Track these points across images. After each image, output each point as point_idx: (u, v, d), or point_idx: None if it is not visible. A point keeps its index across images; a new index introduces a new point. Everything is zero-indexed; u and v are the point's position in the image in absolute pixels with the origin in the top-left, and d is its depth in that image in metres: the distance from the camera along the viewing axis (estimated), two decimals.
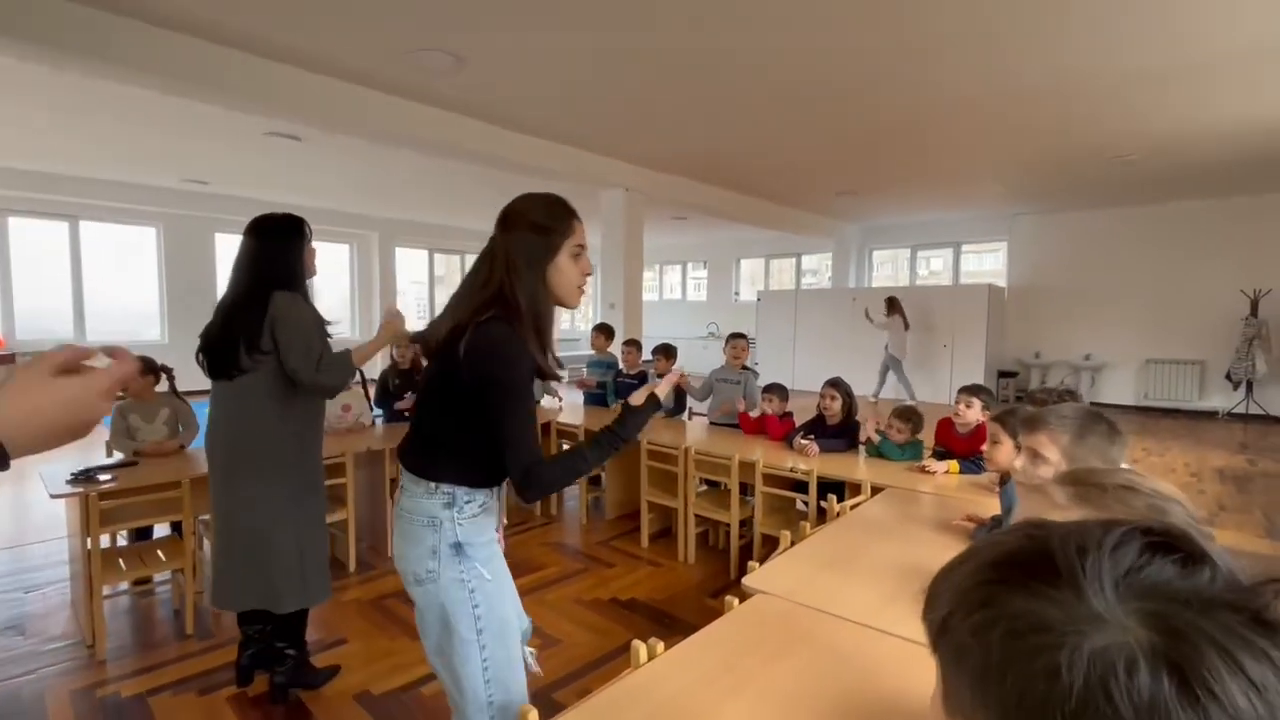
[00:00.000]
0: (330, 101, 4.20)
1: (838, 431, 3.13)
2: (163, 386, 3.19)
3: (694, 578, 3.12)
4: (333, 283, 10.82)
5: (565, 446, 4.21)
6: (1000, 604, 0.34)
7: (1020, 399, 8.47)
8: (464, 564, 1.23)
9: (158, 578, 2.99)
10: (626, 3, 3.18)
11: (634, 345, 4.58)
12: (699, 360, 11.01)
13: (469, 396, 1.18)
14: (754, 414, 3.65)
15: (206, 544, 2.97)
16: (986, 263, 10.10)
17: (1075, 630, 0.31)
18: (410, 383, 3.93)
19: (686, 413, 4.33)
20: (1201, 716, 0.28)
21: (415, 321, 12.06)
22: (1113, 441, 1.22)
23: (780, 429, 3.38)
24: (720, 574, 3.15)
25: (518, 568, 3.18)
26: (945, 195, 8.03)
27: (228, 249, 9.24)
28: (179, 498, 2.48)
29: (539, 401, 4.47)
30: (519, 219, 1.31)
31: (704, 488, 3.53)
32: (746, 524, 3.23)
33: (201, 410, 3.14)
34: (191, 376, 3.28)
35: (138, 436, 3.01)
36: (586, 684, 2.22)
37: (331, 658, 2.37)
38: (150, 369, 3.08)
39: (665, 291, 14.40)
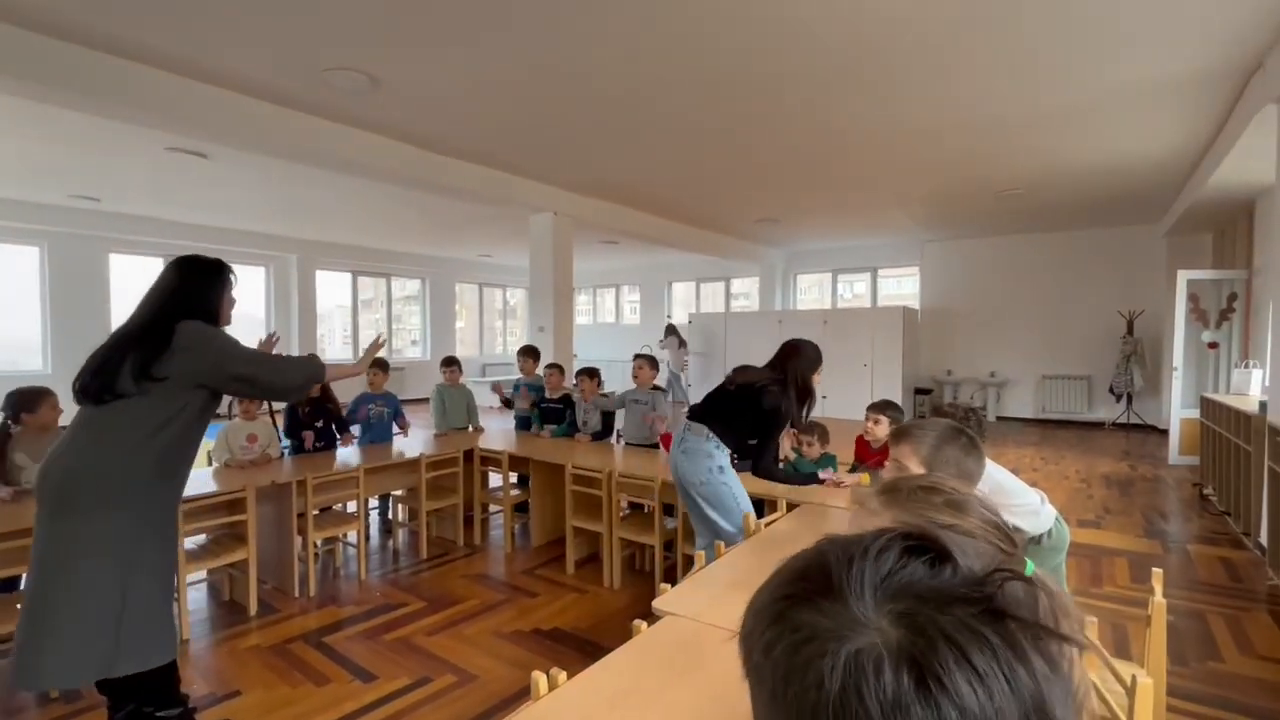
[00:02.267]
0: (238, 118, 4.02)
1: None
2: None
3: (619, 603, 3.08)
4: (247, 307, 10.25)
5: (489, 472, 4.12)
6: (787, 620, 0.36)
7: (934, 414, 8.95)
8: (725, 474, 2.47)
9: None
10: (537, 33, 3.23)
11: (556, 369, 4.57)
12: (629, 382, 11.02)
13: (754, 418, 2.51)
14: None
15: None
16: (905, 286, 10.70)
17: (837, 637, 0.33)
18: (321, 411, 3.75)
19: (614, 435, 4.33)
20: (934, 708, 0.30)
21: (340, 347, 11.58)
22: (968, 454, 1.30)
23: None
24: (646, 597, 3.13)
25: (435, 602, 3.07)
26: (859, 223, 8.49)
27: (123, 271, 8.60)
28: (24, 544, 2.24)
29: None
30: (796, 355, 2.58)
31: (629, 510, 3.53)
32: (671, 545, 3.23)
33: None
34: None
35: (22, 479, 2.71)
36: None
37: (221, 713, 2.19)
38: (48, 396, 2.80)
39: (600, 315, 14.46)
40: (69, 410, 2.93)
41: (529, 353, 4.78)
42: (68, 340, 8.05)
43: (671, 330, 10.27)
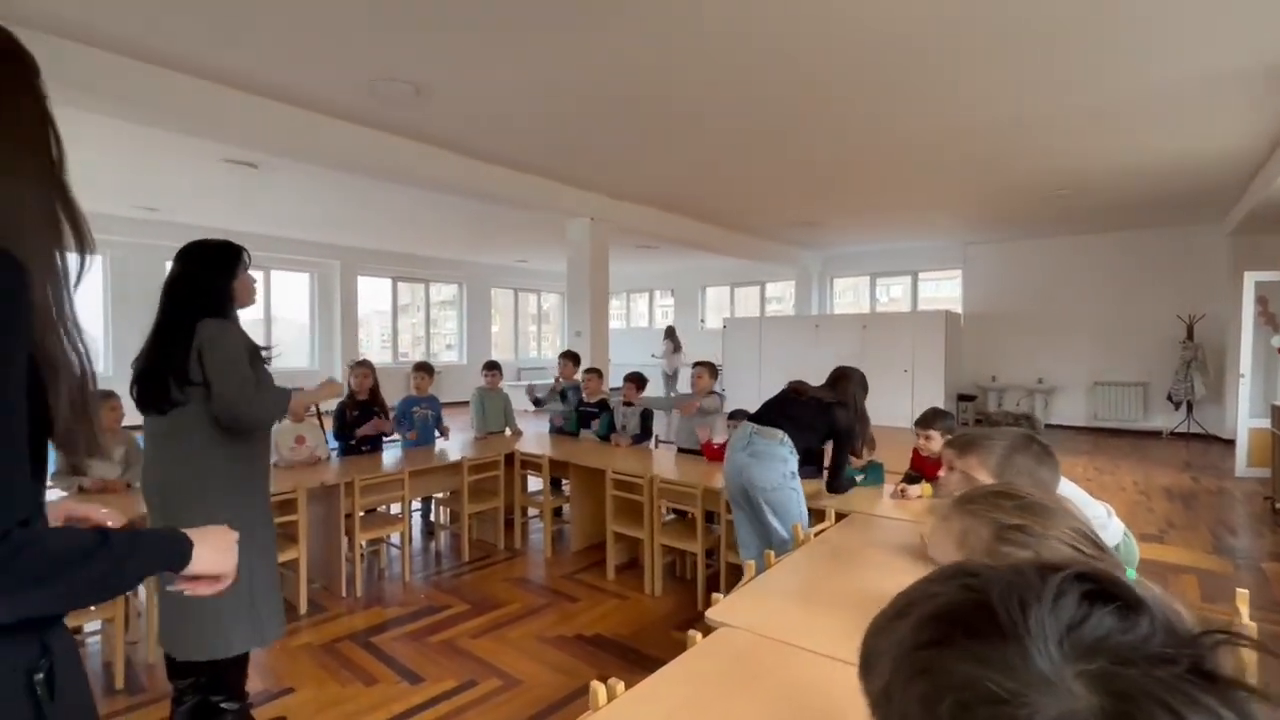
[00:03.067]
0: (288, 129, 4.14)
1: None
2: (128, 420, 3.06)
3: (661, 610, 3.06)
4: (293, 312, 10.57)
5: (528, 476, 4.14)
6: (944, 671, 0.32)
7: (980, 421, 8.68)
8: (794, 480, 2.51)
9: (88, 628, 2.79)
10: (583, 40, 3.24)
11: (595, 373, 4.57)
12: (685, 388, 11.01)
13: (826, 432, 2.64)
14: (718, 441, 3.65)
15: (142, 591, 2.81)
16: (944, 290, 10.44)
17: (1025, 701, 0.30)
18: (369, 414, 3.82)
19: (653, 440, 4.31)
20: None
21: (379, 351, 11.83)
22: (1041, 462, 1.25)
23: None
24: (688, 605, 3.10)
25: (479, 605, 3.09)
26: (901, 226, 8.31)
27: None
28: None
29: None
30: (849, 380, 2.69)
31: (671, 517, 3.50)
32: (714, 553, 3.20)
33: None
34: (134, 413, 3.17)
35: (90, 473, 2.85)
36: None
37: (277, 709, 2.24)
38: (107, 398, 2.94)
39: (633, 319, 14.47)
40: (130, 409, 3.09)
41: (569, 357, 4.81)
42: (127, 344, 8.41)
43: (670, 334, 10.64)
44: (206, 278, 1.86)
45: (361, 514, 3.33)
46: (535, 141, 4.91)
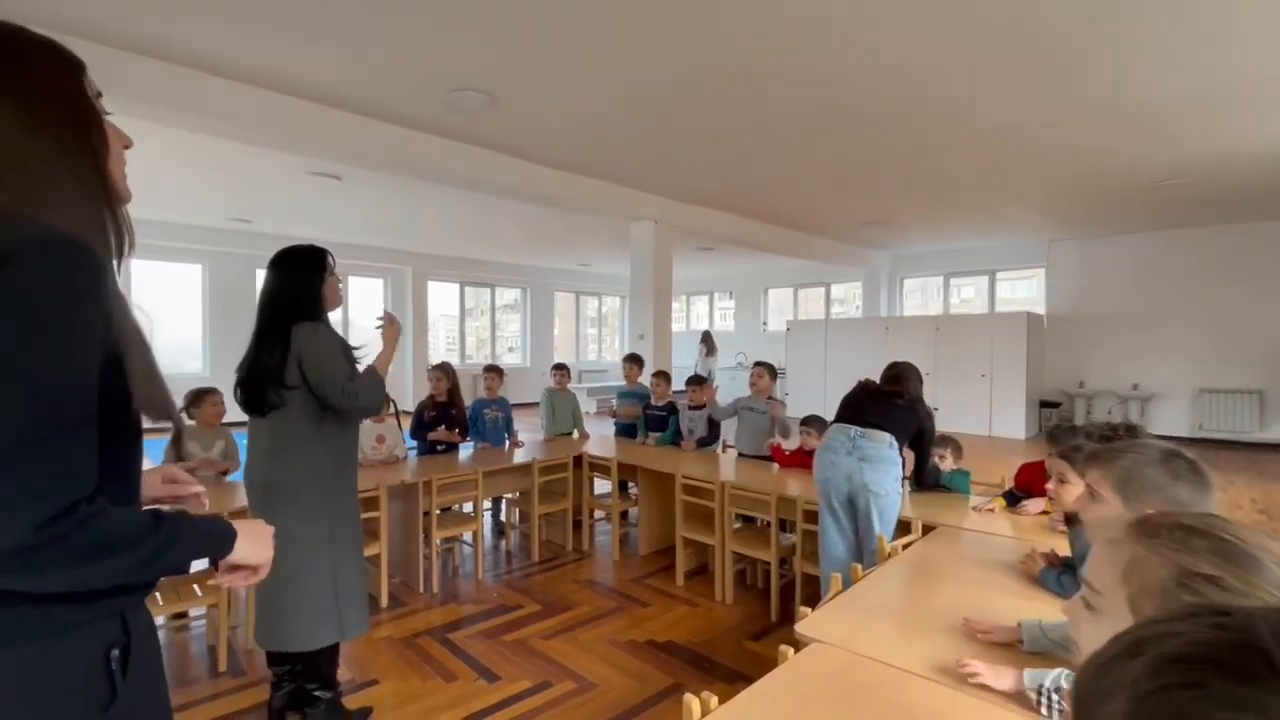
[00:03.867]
0: (370, 142, 4.32)
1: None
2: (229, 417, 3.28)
3: (733, 619, 3.00)
4: (368, 316, 11.08)
5: (596, 478, 4.16)
6: (1203, 717, 0.29)
7: (1087, 436, 8.13)
8: (899, 484, 2.52)
9: (194, 612, 2.98)
10: (651, 44, 3.23)
11: (663, 377, 4.55)
12: (726, 391, 10.91)
13: (914, 428, 2.59)
14: (788, 446, 3.56)
15: None
16: (1019, 290, 9.88)
17: None
18: (446, 416, 3.93)
19: (720, 445, 4.25)
20: None
21: (445, 354, 12.24)
22: (1178, 479, 1.09)
23: None
24: (760, 615, 3.03)
25: (550, 606, 3.12)
26: (979, 223, 7.91)
27: None
28: None
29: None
30: (913, 377, 2.65)
31: (740, 524, 3.44)
32: (787, 562, 3.12)
33: (240, 439, 3.22)
34: (232, 410, 3.38)
35: (190, 458, 3.08)
36: None
37: (363, 699, 2.32)
38: (211, 395, 3.17)
39: (692, 322, 14.40)
40: (233, 406, 3.30)
41: (634, 360, 4.81)
42: (223, 347, 9.03)
43: (705, 338, 10.86)
44: (297, 283, 1.96)
45: (438, 512, 3.43)
46: (602, 146, 4.95)
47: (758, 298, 12.79)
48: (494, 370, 4.41)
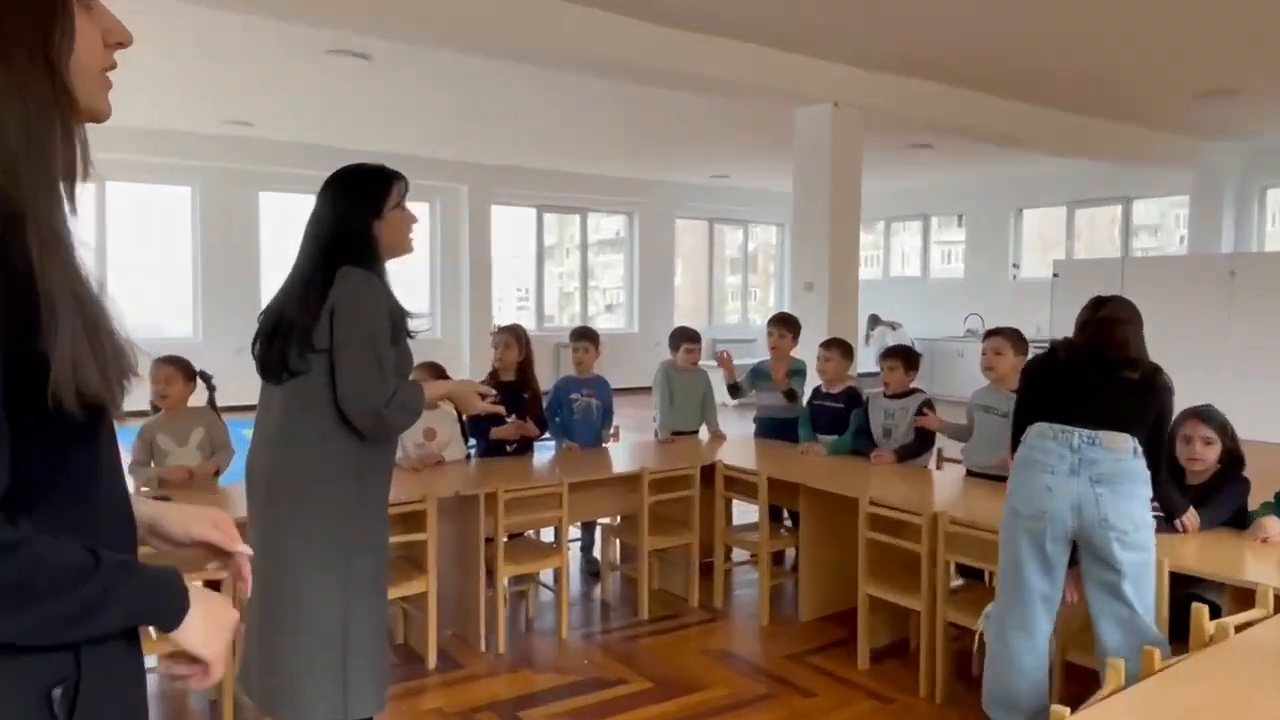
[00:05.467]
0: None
1: (1207, 493, 2.88)
2: (199, 398, 3.66)
3: None
4: (405, 258, 11.81)
5: (735, 500, 4.22)
6: None
7: None
8: (1151, 514, 2.55)
9: None
10: None
11: (837, 348, 4.49)
12: (952, 377, 10.55)
13: (1153, 416, 2.58)
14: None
15: None
16: None
17: None
18: (515, 401, 4.14)
19: (934, 458, 4.16)
20: None
21: (513, 311, 12.82)
22: None
23: None
24: None
25: (665, 684, 3.24)
26: None
27: (274, 215, 10.43)
28: None
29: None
30: (1130, 324, 2.64)
31: (960, 580, 3.39)
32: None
33: (237, 429, 3.60)
34: (228, 389, 3.78)
35: (166, 462, 3.48)
36: None
37: None
38: (189, 374, 3.55)
39: (893, 264, 14.00)
40: (242, 390, 3.68)
41: (785, 323, 4.80)
42: (219, 301, 10.03)
43: (875, 321, 11.80)
44: (349, 211, 2.13)
45: (505, 539, 3.65)
46: None
47: (1004, 224, 12.33)
48: (587, 336, 4.57)
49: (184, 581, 0.91)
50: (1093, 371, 2.60)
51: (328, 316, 2.06)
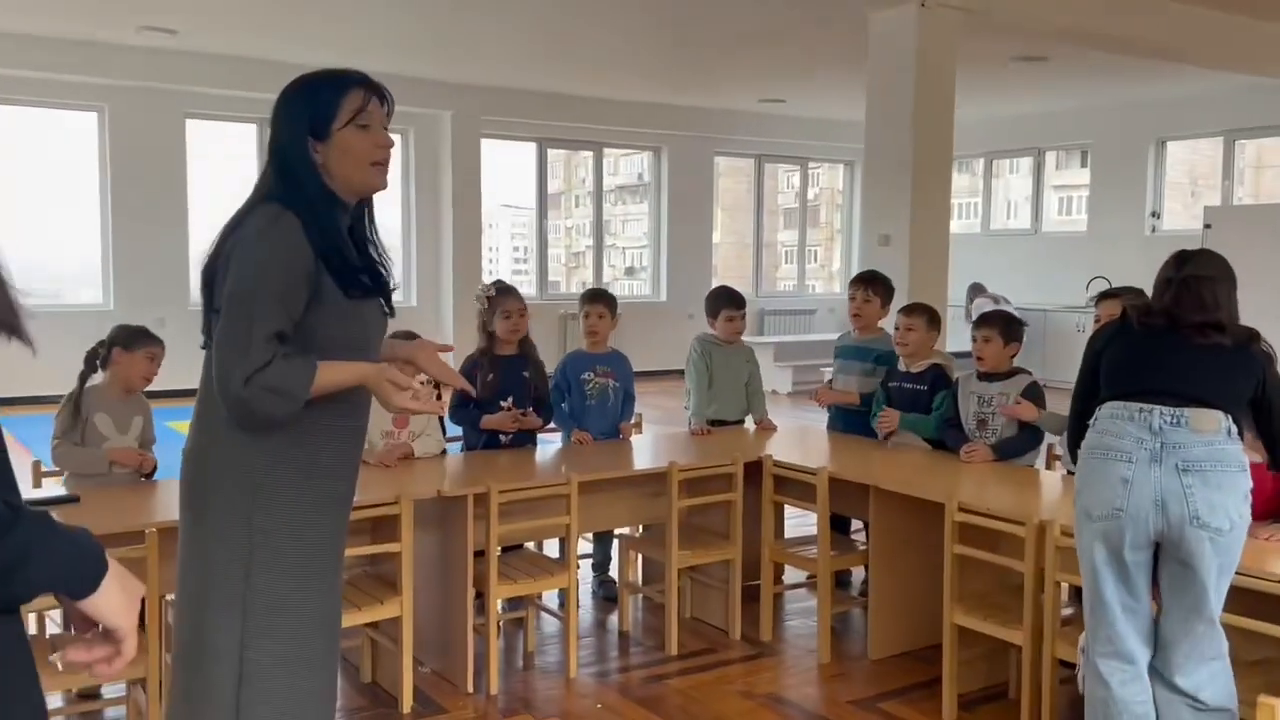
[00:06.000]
0: None
1: None
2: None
3: None
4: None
5: (786, 505, 4.24)
6: None
7: None
8: (1249, 505, 2.60)
9: (108, 691, 3.49)
10: None
11: (921, 315, 4.49)
12: (1070, 357, 10.48)
13: (1254, 383, 2.66)
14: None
15: None
16: None
17: None
18: (515, 381, 4.17)
19: (1043, 455, 4.21)
20: None
21: (507, 272, 12.86)
22: None
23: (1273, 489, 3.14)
24: None
25: None
26: None
27: (203, 147, 10.50)
28: (140, 558, 2.87)
29: None
30: (1220, 282, 2.74)
31: (1073, 608, 3.41)
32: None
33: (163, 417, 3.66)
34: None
35: (100, 442, 3.59)
36: None
37: None
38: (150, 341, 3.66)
39: (995, 213, 13.94)
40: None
41: (870, 283, 4.81)
42: (131, 257, 10.13)
43: (978, 291, 12.06)
44: (280, 137, 2.14)
45: (498, 552, 3.69)
46: None
47: (1140, 161, 12.28)
48: (601, 299, 4.62)
49: (95, 540, 1.01)
50: (1175, 338, 2.66)
51: (224, 268, 2.07)
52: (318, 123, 2.08)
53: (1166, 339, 2.67)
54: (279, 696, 2.09)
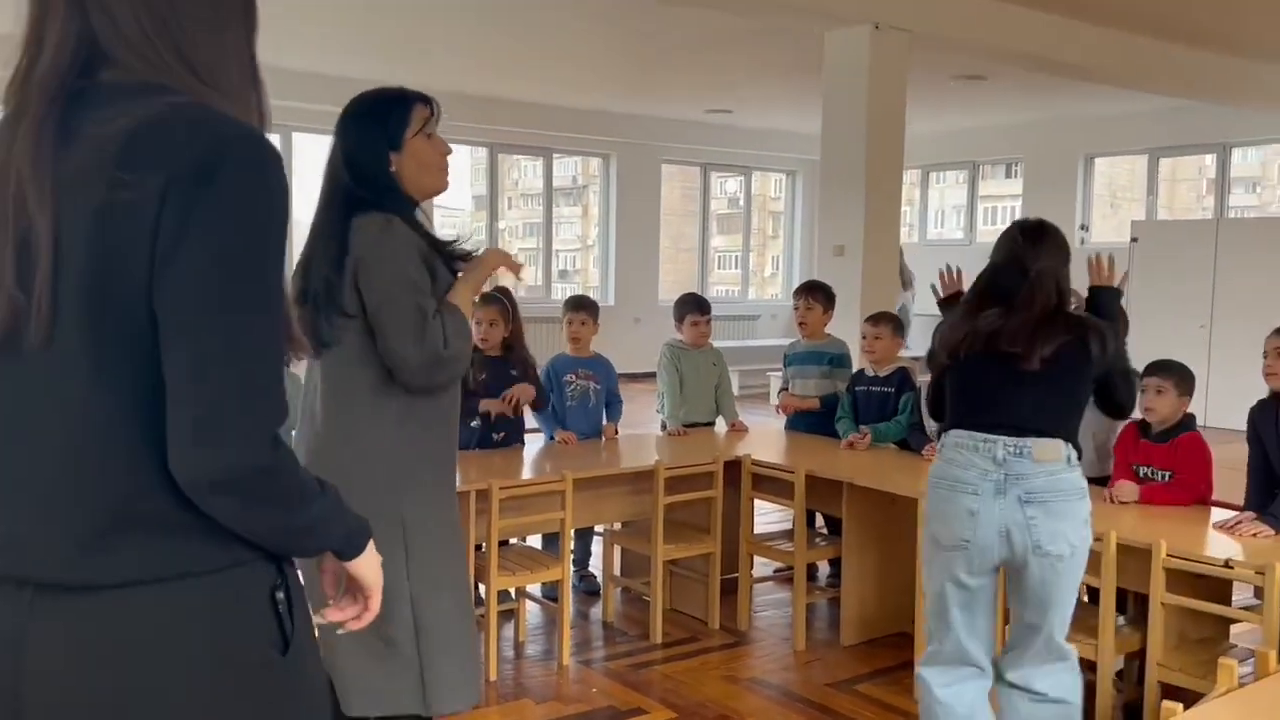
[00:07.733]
0: None
1: None
2: None
3: None
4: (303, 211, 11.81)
5: (759, 501, 4.42)
6: None
7: None
8: (1090, 525, 2.72)
9: None
10: None
11: (886, 324, 4.74)
12: None
13: (1094, 381, 2.79)
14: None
15: None
16: None
17: None
18: (502, 375, 4.31)
19: None
20: None
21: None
22: None
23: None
24: None
25: (687, 713, 3.50)
26: None
27: None
28: None
29: None
30: (1056, 246, 3.04)
31: None
32: (1139, 665, 3.29)
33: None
34: None
35: None
36: None
37: None
38: None
39: (931, 222, 14.25)
40: None
41: (814, 293, 5.04)
42: None
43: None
44: (358, 149, 2.30)
45: (498, 546, 3.84)
46: None
47: (1069, 176, 12.57)
48: (584, 307, 4.80)
49: (365, 519, 1.23)
50: (1006, 369, 2.68)
51: (352, 279, 2.24)
52: (394, 135, 2.28)
53: (1000, 369, 2.69)
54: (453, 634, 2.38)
